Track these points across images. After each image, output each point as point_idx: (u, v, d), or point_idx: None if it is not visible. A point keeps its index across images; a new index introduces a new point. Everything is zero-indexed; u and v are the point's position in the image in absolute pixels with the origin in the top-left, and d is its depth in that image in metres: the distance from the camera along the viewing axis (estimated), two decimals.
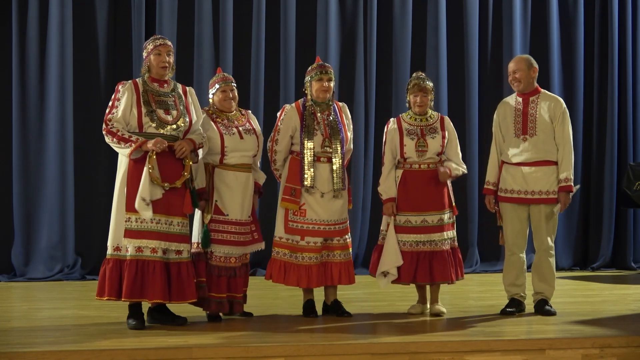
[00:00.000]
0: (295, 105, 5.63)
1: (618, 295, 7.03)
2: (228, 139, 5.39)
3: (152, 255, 5.05)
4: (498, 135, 5.82)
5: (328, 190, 5.53)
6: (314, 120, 5.55)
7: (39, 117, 8.15)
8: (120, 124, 5.07)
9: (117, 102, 5.11)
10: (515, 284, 5.74)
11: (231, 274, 5.40)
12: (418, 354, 4.54)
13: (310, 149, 5.49)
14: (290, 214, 5.53)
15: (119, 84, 5.18)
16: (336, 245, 5.58)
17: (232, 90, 5.52)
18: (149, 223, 5.05)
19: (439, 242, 5.60)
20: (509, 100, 5.85)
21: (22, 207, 8.11)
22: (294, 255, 5.52)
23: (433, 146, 5.62)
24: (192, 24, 8.51)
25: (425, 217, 5.60)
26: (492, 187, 5.80)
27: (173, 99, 5.23)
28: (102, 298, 5.06)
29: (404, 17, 8.97)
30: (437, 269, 5.57)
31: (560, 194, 5.64)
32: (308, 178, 5.48)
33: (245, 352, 4.44)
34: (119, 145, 5.05)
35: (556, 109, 5.71)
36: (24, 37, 8.15)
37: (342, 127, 5.60)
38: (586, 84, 9.43)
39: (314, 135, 5.52)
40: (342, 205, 5.60)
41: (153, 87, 5.20)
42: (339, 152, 5.54)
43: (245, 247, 5.46)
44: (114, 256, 5.06)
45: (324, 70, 5.59)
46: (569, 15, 9.41)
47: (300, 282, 5.50)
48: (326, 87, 5.57)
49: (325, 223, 5.53)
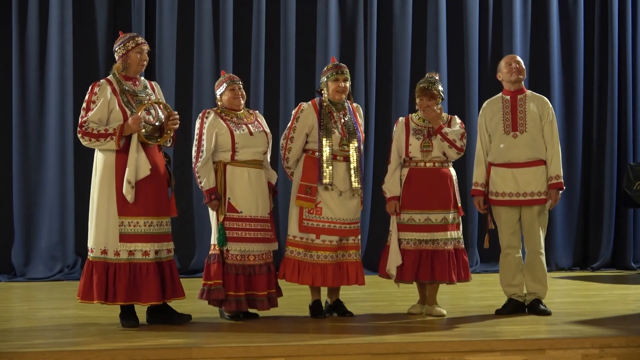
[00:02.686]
0: (312, 104, 5.62)
1: (618, 295, 7.03)
2: (238, 135, 5.39)
3: (144, 258, 5.08)
4: (484, 135, 5.81)
5: (345, 189, 5.53)
6: (331, 119, 5.55)
7: (39, 117, 8.14)
8: (95, 124, 5.07)
9: (93, 105, 5.10)
10: (512, 284, 5.74)
11: (250, 271, 5.38)
12: (418, 354, 4.54)
13: (329, 147, 5.48)
14: (305, 212, 5.51)
15: (94, 86, 5.15)
16: (351, 244, 5.58)
17: (240, 89, 5.54)
18: (142, 226, 5.09)
19: (442, 242, 5.58)
20: (495, 100, 5.86)
21: (22, 207, 8.11)
22: (308, 254, 5.50)
23: (438, 147, 5.61)
24: (192, 24, 8.51)
25: (429, 216, 5.59)
26: (480, 187, 5.80)
27: (147, 98, 5.26)
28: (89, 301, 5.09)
29: (404, 17, 8.97)
30: (438, 268, 5.55)
31: (550, 191, 5.65)
32: (327, 176, 5.47)
33: (245, 352, 4.44)
34: (99, 141, 5.05)
35: (544, 108, 5.74)
36: (24, 37, 8.15)
37: (358, 127, 5.62)
38: (586, 84, 9.42)
39: (332, 134, 5.51)
40: (357, 205, 5.60)
41: (128, 86, 5.21)
42: (356, 150, 5.55)
43: (264, 244, 5.44)
44: (100, 259, 5.08)
45: (340, 71, 5.60)
46: (569, 15, 9.40)
47: (316, 281, 5.48)
48: (342, 88, 5.57)
49: (342, 222, 5.52)
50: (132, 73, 5.25)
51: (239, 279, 5.34)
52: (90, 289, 5.07)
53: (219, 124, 5.40)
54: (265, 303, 5.42)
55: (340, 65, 5.64)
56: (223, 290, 5.29)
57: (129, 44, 5.22)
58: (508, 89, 5.81)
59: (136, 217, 5.09)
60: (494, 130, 5.75)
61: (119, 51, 5.25)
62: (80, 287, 5.15)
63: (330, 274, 5.49)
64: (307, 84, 8.56)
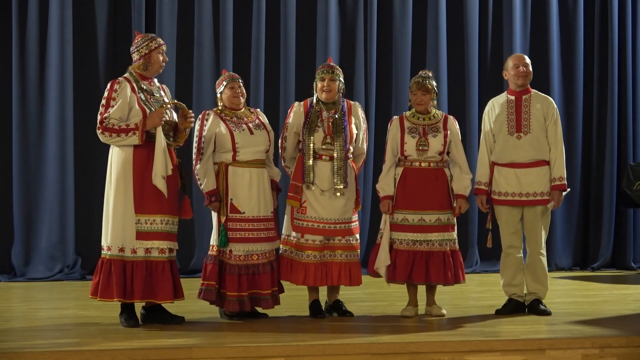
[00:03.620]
0: (303, 103, 5.66)
1: (618, 295, 7.03)
2: (238, 135, 5.38)
3: (161, 256, 5.10)
4: (489, 134, 5.80)
5: (328, 187, 5.52)
6: (318, 118, 5.55)
7: (39, 117, 8.14)
8: (116, 120, 5.05)
9: (113, 102, 5.07)
10: (512, 284, 5.73)
11: (254, 270, 5.38)
12: (418, 354, 4.54)
13: (312, 145, 5.49)
14: (295, 211, 5.53)
15: (114, 83, 5.13)
16: (337, 245, 5.56)
17: (240, 87, 5.53)
18: (158, 224, 5.10)
19: (437, 243, 5.56)
20: (500, 99, 5.85)
21: (22, 207, 8.11)
22: (298, 253, 5.52)
23: (434, 145, 5.59)
24: (192, 24, 8.51)
25: (423, 216, 5.57)
26: (483, 187, 5.79)
27: (162, 99, 5.27)
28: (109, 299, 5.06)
29: (404, 17, 8.97)
30: (433, 269, 5.52)
31: (553, 192, 5.65)
32: (309, 174, 5.48)
33: (245, 352, 4.44)
34: (120, 137, 5.03)
35: (549, 109, 5.73)
36: (24, 37, 8.14)
37: (346, 125, 5.58)
38: (586, 85, 9.42)
39: (315, 132, 5.51)
40: (344, 205, 5.56)
41: (145, 85, 5.20)
42: (341, 149, 5.54)
43: (268, 243, 5.44)
44: (117, 257, 5.06)
45: (327, 70, 5.60)
46: (569, 16, 9.40)
47: (305, 280, 5.49)
48: (326, 87, 5.57)
49: (325, 221, 5.52)
50: (152, 73, 5.25)
51: (241, 279, 5.34)
52: (109, 287, 5.05)
53: (218, 125, 5.40)
54: (269, 302, 5.43)
55: (330, 65, 5.64)
56: (214, 291, 5.30)
57: (152, 44, 5.22)
58: (513, 89, 5.79)
59: (153, 215, 5.09)
60: (498, 131, 5.74)
61: (141, 51, 5.21)
62: (97, 285, 5.10)
63: (312, 273, 5.48)
64: (307, 84, 8.47)
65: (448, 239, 5.60)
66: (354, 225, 5.63)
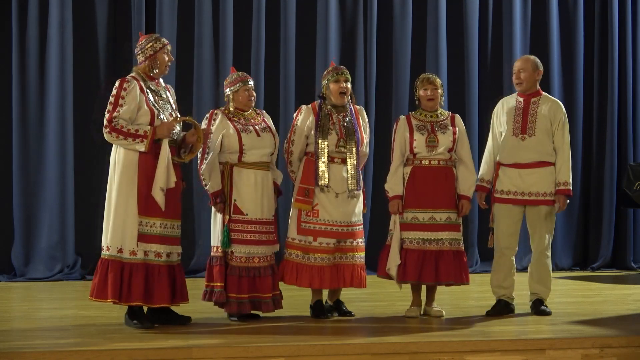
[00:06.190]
0: (311, 106, 5.63)
1: (618, 295, 7.03)
2: (245, 136, 5.36)
3: (157, 260, 5.05)
4: (496, 133, 5.80)
5: (342, 191, 5.51)
6: (329, 121, 5.53)
7: (39, 117, 8.14)
8: (125, 121, 4.99)
9: (122, 101, 5.00)
10: (502, 286, 5.71)
11: (255, 274, 5.36)
12: (418, 354, 4.54)
13: (326, 148, 5.48)
14: (303, 214, 5.50)
15: (123, 82, 5.06)
16: (348, 247, 5.54)
17: (252, 89, 5.50)
18: (157, 228, 5.06)
19: (447, 242, 5.53)
20: (509, 99, 5.85)
21: (22, 207, 8.11)
22: (306, 257, 5.49)
23: (444, 141, 5.56)
24: (192, 24, 8.51)
25: (434, 215, 5.55)
26: (485, 184, 5.79)
27: (168, 100, 5.25)
28: (102, 300, 5.03)
29: (404, 17, 8.97)
30: (442, 269, 5.50)
31: (559, 197, 5.63)
32: (323, 177, 5.47)
33: (245, 352, 4.44)
34: (127, 140, 4.97)
35: (557, 113, 5.72)
36: (24, 37, 8.14)
37: (357, 128, 5.58)
38: (586, 84, 9.43)
39: (329, 135, 5.50)
40: (355, 208, 5.56)
41: (153, 85, 5.18)
42: (354, 153, 5.52)
43: (268, 246, 5.43)
44: (115, 258, 5.04)
45: (340, 72, 5.59)
46: (569, 16, 9.41)
47: (313, 283, 5.48)
48: (344, 88, 5.55)
49: (338, 224, 5.50)
50: (159, 74, 5.23)
51: (242, 281, 5.32)
52: (105, 287, 5.00)
53: (226, 126, 5.36)
54: (270, 305, 5.41)
55: (341, 67, 5.65)
56: (224, 293, 5.29)
57: (157, 45, 5.18)
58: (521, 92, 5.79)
59: (153, 218, 5.05)
60: (504, 131, 5.74)
61: (146, 52, 5.17)
62: (94, 285, 5.06)
63: (328, 275, 5.47)
64: (307, 84, 8.56)
65: (457, 238, 5.58)
66: (361, 227, 5.64)
